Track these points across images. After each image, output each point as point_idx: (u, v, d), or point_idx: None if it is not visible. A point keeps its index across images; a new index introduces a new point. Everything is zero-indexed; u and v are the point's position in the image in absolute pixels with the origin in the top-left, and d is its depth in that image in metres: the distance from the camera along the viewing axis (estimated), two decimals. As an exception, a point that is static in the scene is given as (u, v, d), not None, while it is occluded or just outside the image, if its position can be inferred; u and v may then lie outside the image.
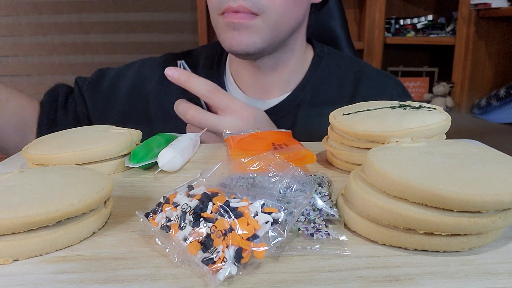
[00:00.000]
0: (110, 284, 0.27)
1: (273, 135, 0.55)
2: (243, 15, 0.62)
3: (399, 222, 0.30)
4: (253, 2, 0.61)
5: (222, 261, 0.26)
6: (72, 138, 0.48)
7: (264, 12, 0.63)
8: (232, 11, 0.63)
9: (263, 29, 0.64)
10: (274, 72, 0.73)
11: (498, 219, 0.29)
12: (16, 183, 0.33)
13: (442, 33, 1.92)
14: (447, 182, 0.29)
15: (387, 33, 1.98)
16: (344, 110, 0.49)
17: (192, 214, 0.30)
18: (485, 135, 1.52)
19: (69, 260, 0.30)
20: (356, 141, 0.45)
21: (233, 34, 0.64)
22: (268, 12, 0.63)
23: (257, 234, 0.28)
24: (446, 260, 0.29)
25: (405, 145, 0.37)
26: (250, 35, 0.64)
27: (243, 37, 0.64)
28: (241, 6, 0.61)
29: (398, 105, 0.49)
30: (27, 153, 0.46)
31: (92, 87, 0.81)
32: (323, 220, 0.33)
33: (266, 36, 0.65)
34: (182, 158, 0.47)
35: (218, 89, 0.62)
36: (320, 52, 0.78)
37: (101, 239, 0.33)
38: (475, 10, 1.67)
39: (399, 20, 2.01)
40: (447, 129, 0.45)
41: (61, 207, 0.30)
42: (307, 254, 0.30)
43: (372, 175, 0.33)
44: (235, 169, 0.39)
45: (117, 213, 0.37)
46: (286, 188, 0.35)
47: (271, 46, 0.67)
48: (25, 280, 0.28)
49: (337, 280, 0.27)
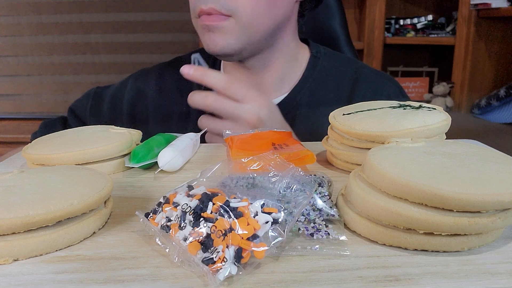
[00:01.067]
0: (110, 284, 0.27)
1: (273, 135, 0.55)
2: (215, 17, 0.64)
3: (399, 222, 0.30)
4: (222, 4, 0.63)
5: (222, 261, 0.26)
6: (72, 138, 0.48)
7: (234, 13, 0.64)
8: (205, 14, 0.65)
9: (237, 30, 0.65)
10: (265, 72, 0.74)
11: (498, 219, 0.29)
12: (16, 183, 0.33)
13: (442, 33, 1.92)
14: (447, 182, 0.29)
15: (387, 33, 1.98)
16: (344, 110, 0.49)
17: (192, 214, 0.30)
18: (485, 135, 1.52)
19: (69, 260, 0.30)
20: (356, 141, 0.45)
21: (209, 36, 0.66)
22: (238, 13, 0.64)
23: (257, 234, 0.28)
24: (446, 260, 0.29)
25: (405, 145, 0.37)
26: (224, 36, 0.66)
27: (217, 39, 0.66)
28: (212, 8, 0.63)
29: (398, 105, 0.49)
30: (27, 153, 0.46)
31: (94, 112, 0.82)
32: (323, 220, 0.33)
33: (240, 36, 0.66)
34: (182, 158, 0.47)
35: (234, 80, 0.62)
36: (316, 53, 0.78)
37: (101, 239, 0.33)
38: (475, 10, 1.67)
39: (399, 20, 2.01)
40: (447, 129, 0.45)
41: (61, 207, 0.30)
42: (307, 254, 0.30)
43: (372, 175, 0.33)
44: (235, 169, 0.39)
45: (117, 213, 0.37)
46: (286, 188, 0.35)
47: (250, 46, 0.68)
48: (25, 280, 0.28)
49: (337, 280, 0.27)
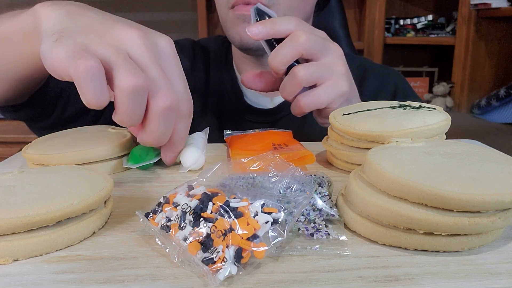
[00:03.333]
0: (110, 284, 0.27)
1: (273, 135, 0.55)
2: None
3: (399, 222, 0.30)
4: None
5: (222, 261, 0.26)
6: (72, 138, 0.48)
7: (274, 4, 0.62)
8: (243, 3, 0.62)
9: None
10: None
11: (498, 219, 0.29)
12: (16, 183, 0.33)
13: (442, 33, 1.92)
14: (447, 182, 0.29)
15: (387, 33, 1.98)
16: (344, 110, 0.49)
17: (192, 214, 0.30)
18: (485, 135, 1.52)
19: (69, 260, 0.30)
20: (356, 141, 0.45)
21: (244, 27, 0.61)
22: (278, 4, 0.62)
23: (257, 234, 0.28)
24: (446, 260, 0.29)
25: (405, 145, 0.37)
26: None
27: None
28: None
29: (398, 105, 0.49)
30: (27, 153, 0.46)
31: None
32: (323, 220, 0.33)
33: None
34: (203, 156, 0.48)
35: (302, 21, 0.53)
36: None
37: (101, 239, 0.33)
38: (475, 10, 1.68)
39: (399, 20, 2.01)
40: (447, 129, 0.45)
41: (61, 207, 0.30)
42: (307, 254, 0.30)
43: (372, 175, 0.33)
44: (235, 169, 0.39)
45: (117, 213, 0.37)
46: (286, 188, 0.35)
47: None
48: (25, 280, 0.28)
49: (337, 280, 0.27)
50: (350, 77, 0.54)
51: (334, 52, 0.52)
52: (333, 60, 0.52)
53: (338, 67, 0.52)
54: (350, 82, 0.54)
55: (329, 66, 0.51)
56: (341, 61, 0.52)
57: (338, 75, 0.52)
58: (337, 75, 0.51)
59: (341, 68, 0.52)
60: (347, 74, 0.53)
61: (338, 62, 0.52)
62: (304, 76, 0.50)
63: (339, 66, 0.52)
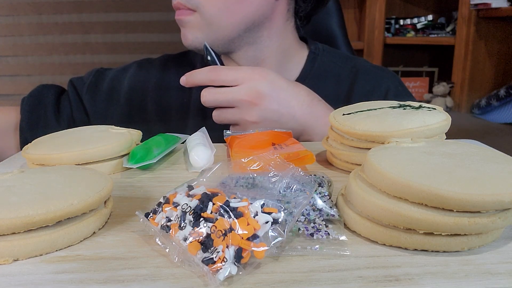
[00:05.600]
0: (110, 284, 0.27)
1: (273, 135, 0.55)
2: (182, 11, 0.67)
3: (399, 222, 0.30)
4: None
5: (222, 261, 0.26)
6: (72, 138, 0.48)
7: (198, 8, 0.66)
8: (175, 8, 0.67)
9: (202, 25, 0.66)
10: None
11: (498, 219, 0.29)
12: (16, 183, 0.33)
13: (442, 33, 1.92)
14: (447, 182, 0.29)
15: (387, 33, 1.98)
16: (344, 110, 0.49)
17: (192, 214, 0.30)
18: (485, 135, 1.52)
19: (69, 260, 0.30)
20: (356, 141, 0.45)
21: (182, 31, 0.69)
22: (202, 8, 0.66)
23: (257, 234, 0.28)
24: (446, 260, 0.29)
25: (405, 145, 0.37)
26: (192, 30, 0.67)
27: (187, 33, 0.68)
28: (178, 2, 0.67)
29: (398, 105, 0.49)
30: (27, 153, 0.46)
31: (92, 89, 0.80)
32: (323, 220, 0.33)
33: (207, 31, 0.67)
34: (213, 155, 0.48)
35: (221, 68, 0.60)
36: (315, 50, 0.78)
37: (101, 239, 0.33)
38: (475, 10, 1.68)
39: (399, 20, 2.01)
40: (447, 129, 0.45)
41: (61, 207, 0.30)
42: (307, 254, 0.30)
43: (372, 175, 0.33)
44: (235, 169, 0.39)
45: (117, 213, 0.37)
46: (286, 188, 0.35)
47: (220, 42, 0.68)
48: (25, 280, 0.28)
49: (337, 280, 0.27)
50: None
51: (242, 97, 0.58)
52: (242, 106, 0.58)
53: (250, 106, 0.58)
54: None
55: (239, 112, 0.59)
56: (254, 98, 0.57)
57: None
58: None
59: (252, 104, 0.58)
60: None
61: (250, 101, 0.58)
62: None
63: (250, 105, 0.58)
